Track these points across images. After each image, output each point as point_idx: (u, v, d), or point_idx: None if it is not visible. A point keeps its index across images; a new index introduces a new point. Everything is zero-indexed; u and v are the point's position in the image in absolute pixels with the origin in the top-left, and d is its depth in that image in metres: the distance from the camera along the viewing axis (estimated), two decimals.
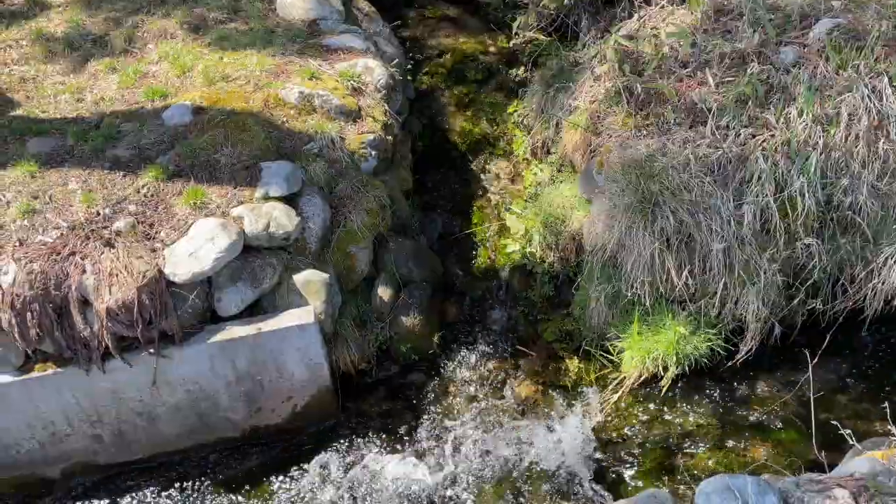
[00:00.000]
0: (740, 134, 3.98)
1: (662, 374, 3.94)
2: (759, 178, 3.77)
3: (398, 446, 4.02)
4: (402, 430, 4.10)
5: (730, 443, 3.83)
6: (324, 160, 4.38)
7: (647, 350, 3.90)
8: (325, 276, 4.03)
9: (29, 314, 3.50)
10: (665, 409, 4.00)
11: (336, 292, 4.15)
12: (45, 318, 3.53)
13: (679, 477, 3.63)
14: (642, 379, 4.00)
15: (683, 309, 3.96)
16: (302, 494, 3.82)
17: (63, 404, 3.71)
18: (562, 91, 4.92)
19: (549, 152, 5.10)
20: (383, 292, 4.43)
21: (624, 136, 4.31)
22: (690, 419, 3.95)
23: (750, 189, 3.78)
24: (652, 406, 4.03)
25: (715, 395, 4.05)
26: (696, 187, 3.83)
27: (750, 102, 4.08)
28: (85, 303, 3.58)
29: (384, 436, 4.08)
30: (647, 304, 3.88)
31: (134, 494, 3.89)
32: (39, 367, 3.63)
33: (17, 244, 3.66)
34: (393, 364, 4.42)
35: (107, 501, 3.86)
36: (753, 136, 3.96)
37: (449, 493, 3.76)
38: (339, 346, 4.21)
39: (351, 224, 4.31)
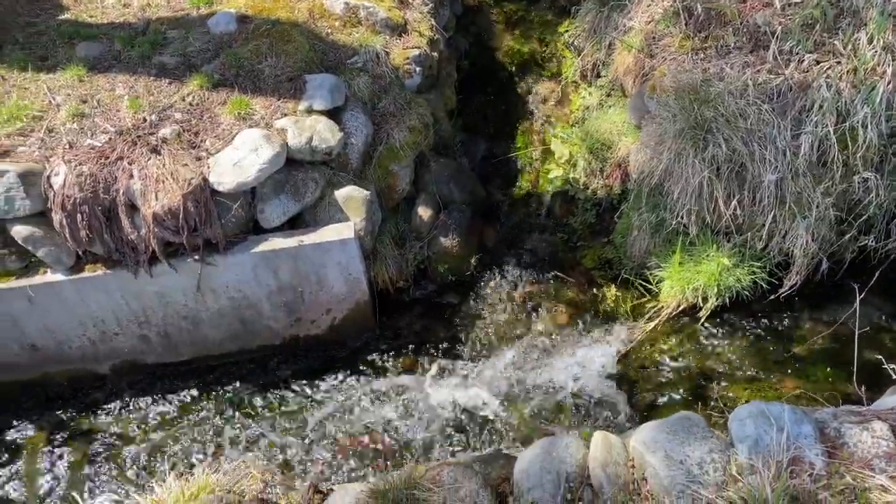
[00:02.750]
0: (804, 60, 3.77)
1: (701, 305, 3.90)
2: (821, 107, 3.59)
3: (431, 363, 4.09)
4: (436, 347, 4.17)
5: (766, 375, 3.80)
6: (368, 75, 4.31)
7: (687, 280, 3.85)
8: (366, 192, 4.03)
9: (79, 216, 3.58)
10: (702, 339, 3.98)
11: (376, 209, 4.16)
12: (94, 220, 3.62)
13: (712, 405, 3.63)
14: (680, 309, 3.97)
15: (728, 240, 3.87)
16: (337, 404, 3.94)
17: (112, 304, 3.84)
18: (617, 10, 4.70)
19: (598, 75, 4.92)
20: (423, 212, 4.43)
21: (680, 59, 4.13)
22: (727, 351, 3.93)
23: (809, 119, 3.61)
24: (688, 336, 4.01)
25: (754, 328, 4.00)
26: (752, 115, 3.67)
27: (817, 27, 3.85)
28: (132, 207, 3.65)
29: (418, 352, 4.15)
30: (692, 233, 3.80)
31: (178, 393, 4.07)
32: (90, 268, 3.74)
33: (67, 147, 3.72)
34: (430, 284, 4.46)
35: (152, 398, 4.04)
36: (818, 63, 3.75)
37: (480, 411, 3.84)
38: (377, 263, 4.24)
39: (393, 142, 4.27)
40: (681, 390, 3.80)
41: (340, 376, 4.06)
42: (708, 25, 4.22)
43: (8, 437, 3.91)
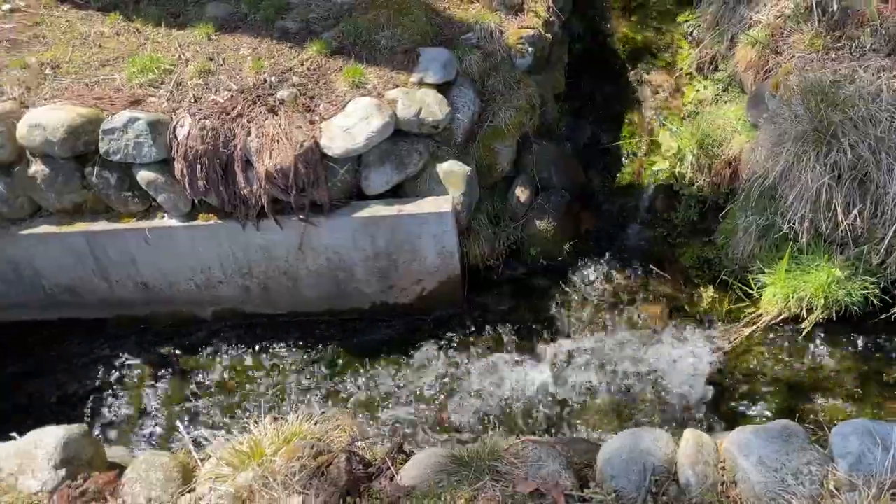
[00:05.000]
0: None
1: (805, 316, 3.73)
2: None
3: (516, 344, 4.11)
4: (522, 329, 4.17)
5: (869, 395, 3.62)
6: (480, 52, 4.32)
7: (793, 289, 3.69)
8: (467, 168, 4.06)
9: (198, 166, 3.78)
10: (802, 352, 3.82)
11: (475, 186, 4.19)
12: (211, 172, 3.81)
13: (807, 421, 3.49)
14: (781, 318, 3.81)
15: (842, 251, 3.68)
16: (420, 372, 4.03)
17: (220, 253, 4.05)
18: (743, 2, 4.51)
19: (716, 69, 4.75)
20: (521, 193, 4.42)
21: (808, 57, 3.94)
22: (828, 366, 3.76)
23: None
24: (787, 347, 3.85)
25: (860, 346, 3.80)
26: (884, 121, 3.47)
27: None
28: (247, 163, 3.81)
29: (503, 332, 4.17)
30: (802, 241, 3.64)
31: (270, 343, 4.24)
32: (203, 217, 3.94)
33: (193, 100, 3.93)
34: (520, 265, 4.45)
35: (248, 346, 4.24)
36: None
37: (560, 397, 3.83)
38: (471, 240, 4.27)
39: (498, 120, 4.28)
40: (773, 400, 3.66)
41: (425, 346, 4.13)
42: (842, 25, 4.00)
43: (117, 369, 4.21)
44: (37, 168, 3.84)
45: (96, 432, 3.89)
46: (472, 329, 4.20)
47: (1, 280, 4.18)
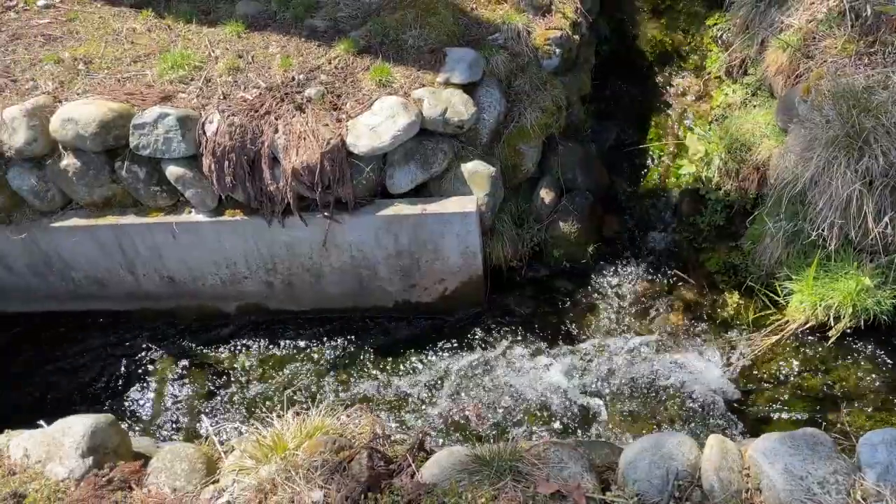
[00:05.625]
0: None
1: (832, 324, 3.68)
2: None
3: (537, 346, 4.10)
4: (544, 331, 4.17)
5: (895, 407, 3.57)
6: (506, 52, 4.32)
7: (820, 296, 3.64)
8: (492, 168, 4.06)
9: (226, 162, 3.82)
10: (828, 361, 3.77)
11: (499, 187, 4.19)
12: (239, 169, 3.84)
13: (833, 430, 3.44)
14: (808, 326, 3.76)
15: (871, 260, 3.62)
16: (441, 371, 4.04)
17: (245, 249, 4.09)
18: (775, 6, 4.45)
19: (745, 73, 4.70)
20: (545, 194, 4.41)
21: (840, 62, 3.88)
22: (855, 375, 3.70)
23: None
24: (813, 355, 3.80)
25: (887, 356, 3.74)
26: None
27: None
28: (274, 160, 3.85)
29: (525, 333, 4.17)
30: (831, 248, 3.59)
31: (292, 339, 4.29)
32: (229, 213, 3.99)
33: (222, 97, 3.97)
34: (543, 267, 4.45)
35: (271, 341, 4.29)
36: None
37: (581, 400, 3.81)
38: (494, 240, 4.27)
39: (524, 121, 4.27)
40: (799, 408, 3.62)
41: (447, 345, 4.14)
42: (876, 30, 3.94)
43: (142, 361, 4.27)
44: (68, 161, 3.91)
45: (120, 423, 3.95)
46: (494, 329, 4.19)
47: (33, 272, 4.26)
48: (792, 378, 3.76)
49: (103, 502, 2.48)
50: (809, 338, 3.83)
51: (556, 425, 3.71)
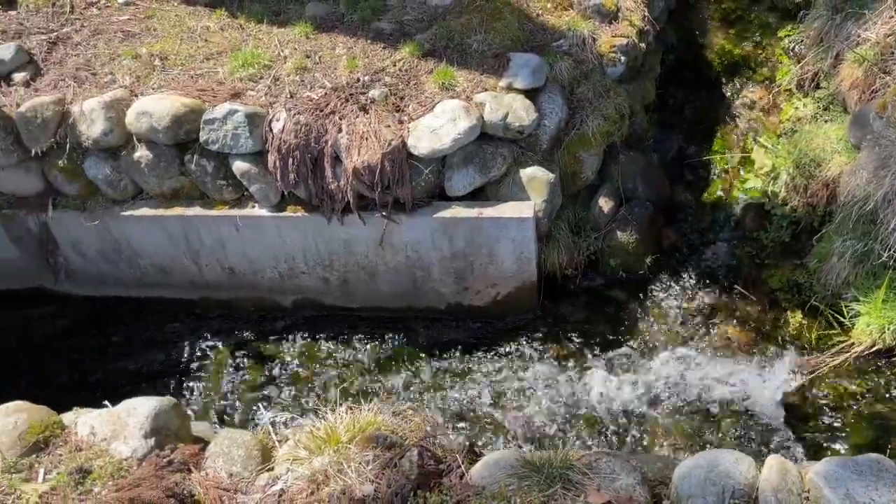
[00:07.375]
0: None
1: None
2: None
3: (589, 355, 4.06)
4: (597, 341, 4.12)
5: None
6: (570, 59, 4.29)
7: (889, 319, 3.50)
8: (551, 175, 4.04)
9: (290, 160, 3.91)
10: (893, 386, 3.62)
11: (557, 194, 4.17)
12: (302, 166, 3.93)
13: None
14: (875, 349, 3.62)
15: None
16: (491, 376, 4.03)
17: (304, 245, 4.18)
18: (852, 19, 4.31)
19: (818, 86, 4.56)
20: (604, 203, 4.37)
21: None
22: None
23: None
24: (879, 381, 3.66)
25: None
26: None
27: None
28: (336, 159, 3.92)
29: (577, 342, 4.13)
30: None
31: (346, 335, 4.36)
32: (291, 209, 4.08)
33: (289, 96, 4.07)
34: (598, 276, 4.41)
35: (325, 336, 4.36)
36: None
37: (636, 411, 3.76)
38: (550, 247, 4.25)
39: (586, 129, 4.23)
40: (861, 433, 3.49)
41: (498, 350, 4.14)
42: None
43: (201, 348, 4.40)
44: (141, 153, 4.06)
45: None
46: (545, 337, 4.17)
47: (104, 258, 4.45)
48: (854, 401, 3.63)
49: (163, 482, 2.57)
50: (876, 362, 3.69)
51: (605, 437, 3.66)
